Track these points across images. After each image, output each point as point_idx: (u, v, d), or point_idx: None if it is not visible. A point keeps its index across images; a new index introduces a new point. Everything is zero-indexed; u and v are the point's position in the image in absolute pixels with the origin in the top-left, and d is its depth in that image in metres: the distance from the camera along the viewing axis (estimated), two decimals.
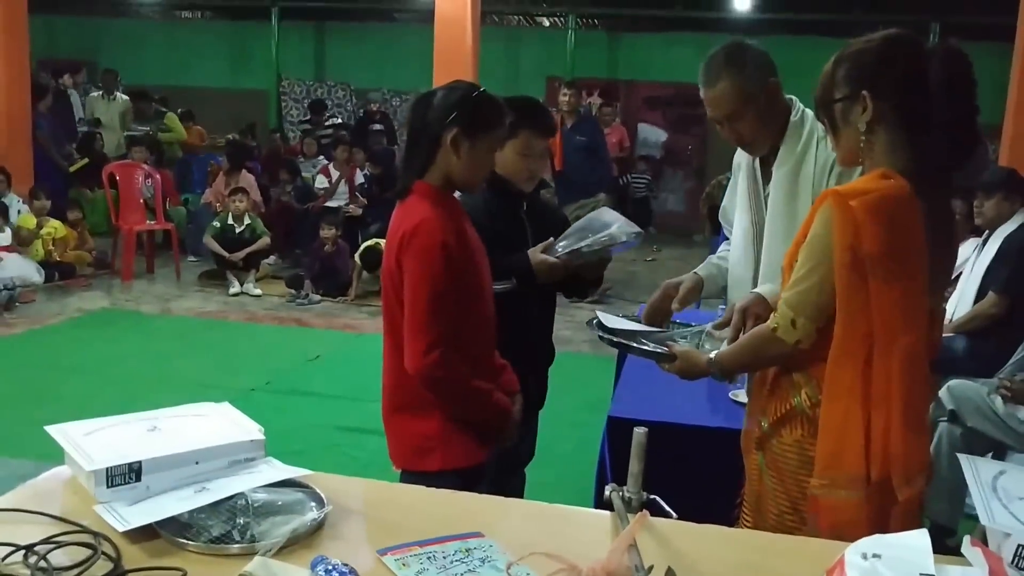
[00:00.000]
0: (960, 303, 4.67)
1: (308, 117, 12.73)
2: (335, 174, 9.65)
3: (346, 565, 1.46)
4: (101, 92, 11.54)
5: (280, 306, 7.86)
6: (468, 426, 2.43)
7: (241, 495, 1.69)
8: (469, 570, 1.58)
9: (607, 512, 1.80)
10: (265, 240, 8.38)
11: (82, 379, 5.50)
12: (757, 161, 2.56)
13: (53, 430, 1.85)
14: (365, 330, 7.09)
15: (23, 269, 7.65)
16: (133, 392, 5.17)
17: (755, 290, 2.41)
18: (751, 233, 2.57)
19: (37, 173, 9.38)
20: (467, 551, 1.65)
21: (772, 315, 2.02)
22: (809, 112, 2.45)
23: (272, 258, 9.26)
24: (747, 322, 2.26)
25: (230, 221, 8.32)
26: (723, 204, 2.83)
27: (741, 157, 2.63)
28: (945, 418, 3.78)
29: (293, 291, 8.04)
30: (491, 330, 2.52)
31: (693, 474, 2.88)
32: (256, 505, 1.68)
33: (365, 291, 8.00)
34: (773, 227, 2.48)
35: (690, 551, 1.69)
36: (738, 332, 2.26)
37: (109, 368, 5.80)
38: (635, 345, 2.40)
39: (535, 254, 2.84)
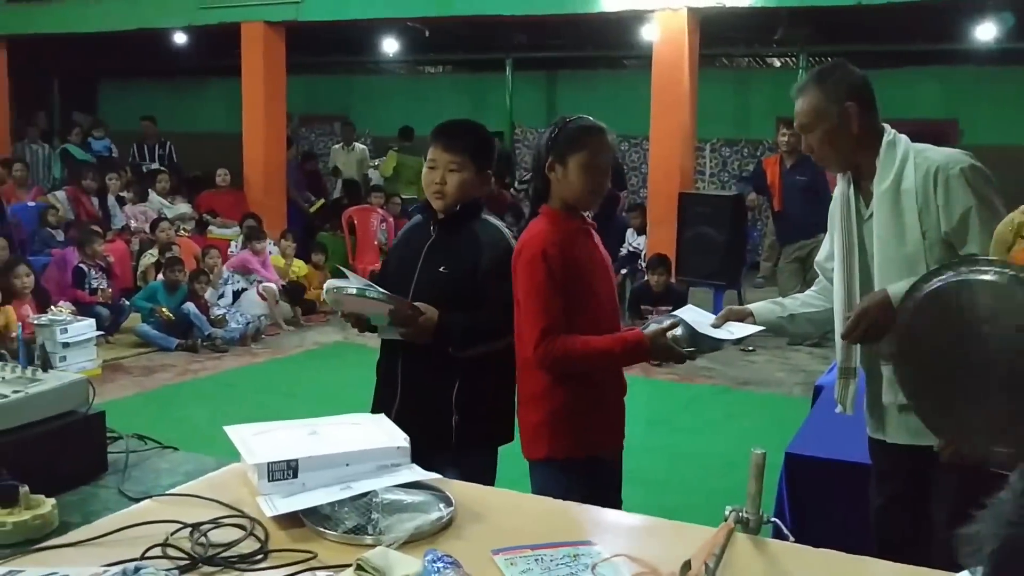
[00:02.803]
0: None
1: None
2: None
3: (450, 557, 1.59)
4: (341, 144, 12.50)
5: None
6: (577, 419, 2.64)
7: (375, 493, 1.86)
8: (571, 573, 1.68)
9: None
10: None
11: (306, 403, 5.97)
12: (852, 187, 2.59)
13: (230, 429, 2.11)
14: None
15: (271, 304, 8.41)
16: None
17: (887, 288, 2.40)
18: (844, 257, 2.57)
19: (288, 218, 10.34)
20: (574, 556, 1.74)
21: None
22: (902, 136, 2.52)
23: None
24: (860, 323, 2.37)
25: None
26: (816, 258, 2.83)
27: (837, 191, 2.65)
28: None
29: None
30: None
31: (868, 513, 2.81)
32: (386, 502, 1.85)
33: None
34: (883, 243, 2.48)
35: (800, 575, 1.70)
36: (850, 332, 2.41)
37: (331, 395, 6.28)
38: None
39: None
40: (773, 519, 1.88)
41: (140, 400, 6.14)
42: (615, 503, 2.86)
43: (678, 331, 2.61)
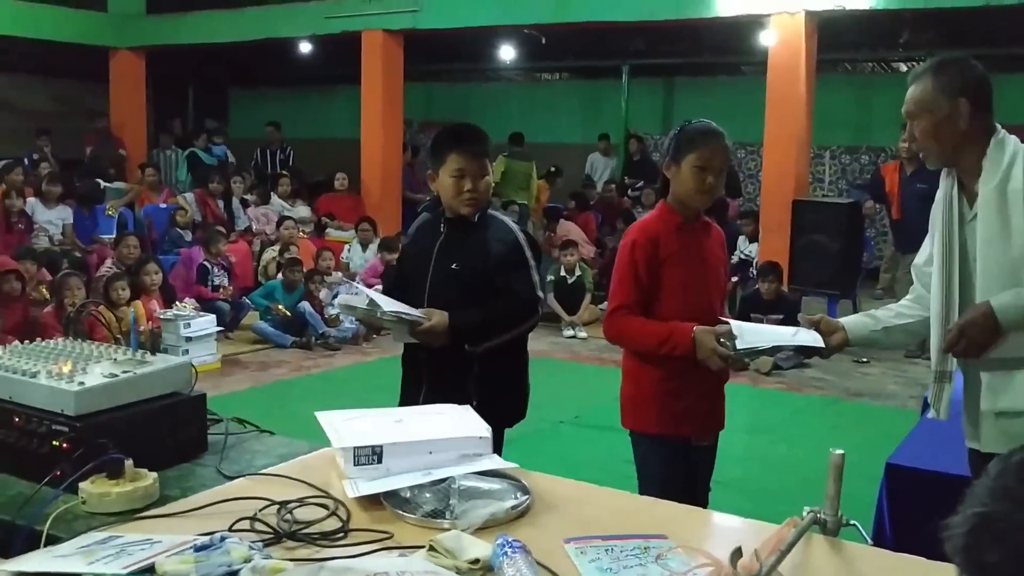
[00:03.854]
0: None
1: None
2: None
3: (519, 542, 1.63)
4: None
5: (604, 348, 8.15)
6: (664, 399, 2.83)
7: (453, 479, 1.92)
8: (640, 563, 1.69)
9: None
10: (587, 297, 8.81)
11: None
12: (956, 188, 2.50)
13: (321, 415, 2.20)
14: None
15: None
16: None
17: (991, 301, 2.34)
18: (944, 260, 2.47)
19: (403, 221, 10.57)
20: (645, 549, 1.75)
21: None
22: (1012, 136, 2.44)
23: (607, 304, 9.64)
24: (962, 338, 2.33)
25: (563, 273, 8.82)
26: (914, 260, 2.74)
27: (940, 192, 2.55)
28: None
29: None
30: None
31: None
32: (463, 488, 1.90)
33: None
34: (987, 245, 2.39)
35: None
36: (951, 347, 2.37)
37: None
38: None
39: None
40: (853, 522, 1.86)
41: (254, 393, 6.39)
42: (702, 491, 2.94)
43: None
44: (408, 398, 3.02)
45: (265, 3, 11.67)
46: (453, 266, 2.91)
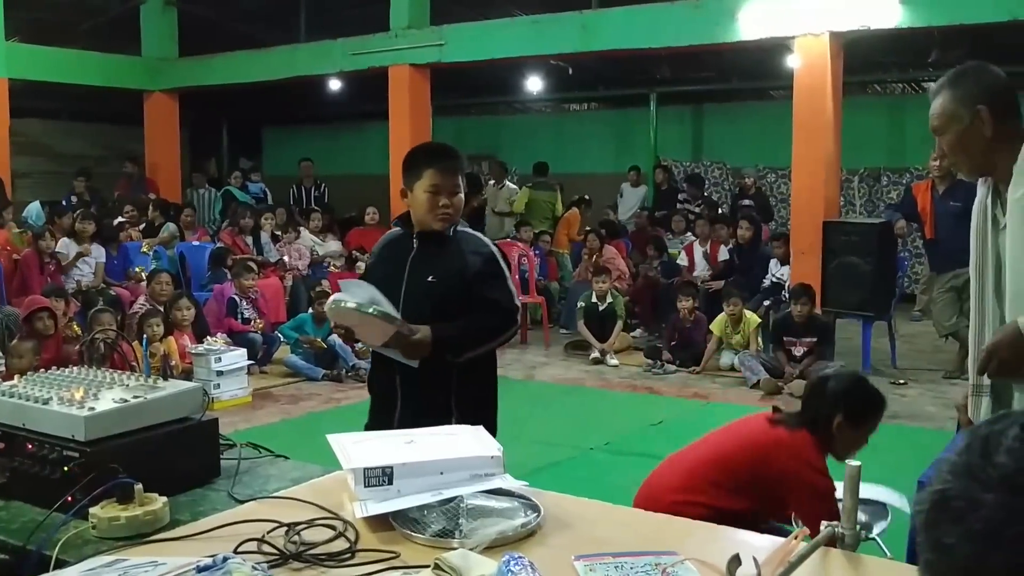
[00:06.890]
0: None
1: (686, 191, 13.00)
2: (698, 251, 9.90)
3: (525, 558, 1.61)
4: (492, 181, 12.72)
5: (636, 375, 8.11)
6: None
7: (461, 498, 1.90)
8: None
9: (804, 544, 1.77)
10: (619, 324, 8.72)
11: None
12: (990, 196, 2.44)
13: (332, 438, 2.19)
14: (714, 399, 7.13)
15: None
16: None
17: (1018, 320, 2.25)
18: (978, 271, 2.42)
19: None
20: (656, 566, 1.72)
21: None
22: None
23: (638, 331, 9.58)
24: (992, 360, 2.17)
25: (594, 299, 8.77)
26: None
27: (976, 199, 2.51)
28: None
29: (650, 361, 8.26)
30: None
31: None
32: (472, 508, 1.88)
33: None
34: (1014, 257, 2.30)
35: None
36: (982, 370, 2.29)
37: None
38: None
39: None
40: (872, 536, 1.82)
41: (285, 426, 6.40)
42: None
43: None
44: (379, 422, 2.98)
45: (293, 42, 11.84)
46: (429, 279, 2.91)
